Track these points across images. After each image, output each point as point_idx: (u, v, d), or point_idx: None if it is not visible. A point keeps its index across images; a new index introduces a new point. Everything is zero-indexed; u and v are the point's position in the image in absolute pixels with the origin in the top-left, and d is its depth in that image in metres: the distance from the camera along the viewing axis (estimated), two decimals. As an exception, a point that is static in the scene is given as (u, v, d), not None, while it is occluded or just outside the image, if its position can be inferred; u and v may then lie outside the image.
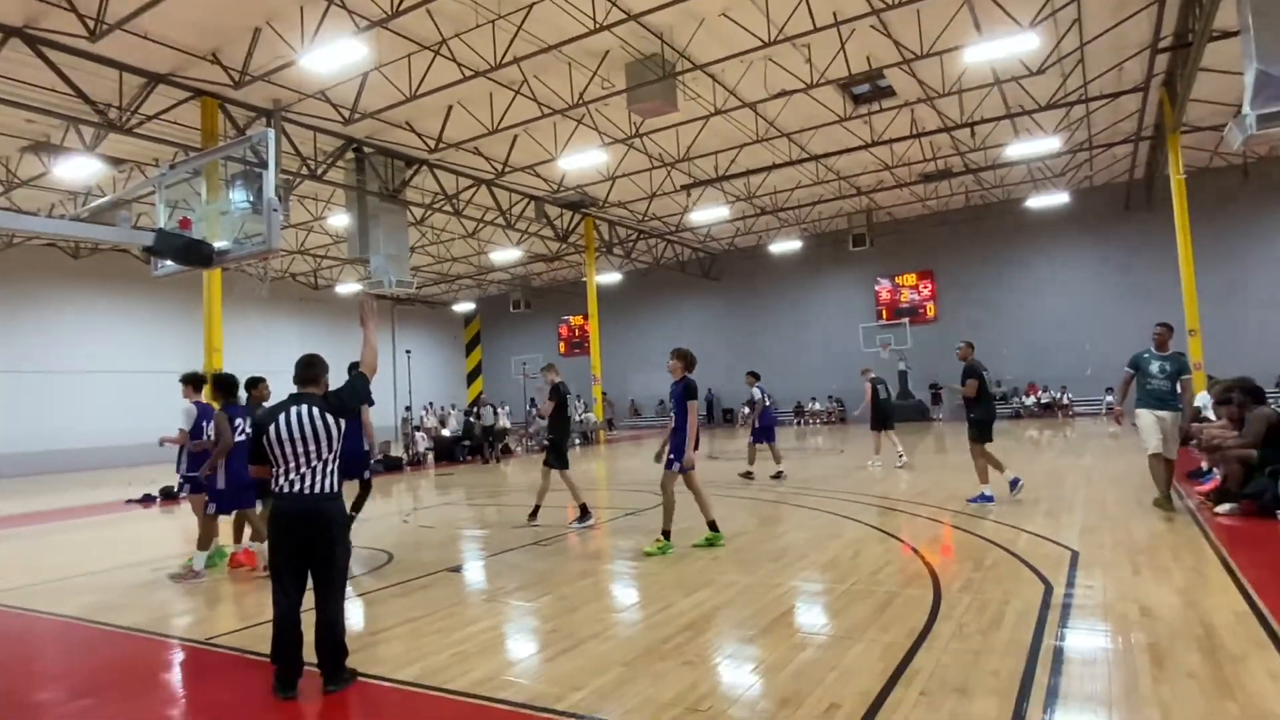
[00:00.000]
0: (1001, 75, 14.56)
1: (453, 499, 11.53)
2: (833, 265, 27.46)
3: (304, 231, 22.41)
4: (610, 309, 29.75)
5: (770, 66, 13.78)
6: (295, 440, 3.60)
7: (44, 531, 9.98)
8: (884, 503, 8.40)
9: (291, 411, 3.65)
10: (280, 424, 3.62)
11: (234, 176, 6.77)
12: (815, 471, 11.99)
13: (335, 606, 3.61)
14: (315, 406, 3.67)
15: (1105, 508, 7.30)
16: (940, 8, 11.83)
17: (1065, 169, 21.39)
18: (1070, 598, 4.41)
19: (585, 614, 4.67)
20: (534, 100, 14.10)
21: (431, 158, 17.07)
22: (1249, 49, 7.86)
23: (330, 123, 14.60)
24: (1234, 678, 3.13)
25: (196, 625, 4.97)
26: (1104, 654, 3.53)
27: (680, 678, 3.47)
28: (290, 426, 3.61)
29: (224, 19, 11.10)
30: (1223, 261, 20.63)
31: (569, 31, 11.80)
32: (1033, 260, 24.32)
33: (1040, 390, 23.71)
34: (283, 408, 3.68)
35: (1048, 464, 11.12)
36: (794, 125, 16.75)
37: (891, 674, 3.36)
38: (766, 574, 5.41)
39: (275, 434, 3.62)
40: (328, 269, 28.13)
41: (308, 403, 3.69)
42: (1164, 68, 14.50)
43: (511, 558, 6.59)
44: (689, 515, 6.83)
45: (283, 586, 3.56)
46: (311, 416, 3.63)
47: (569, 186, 20.14)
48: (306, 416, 3.63)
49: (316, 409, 3.66)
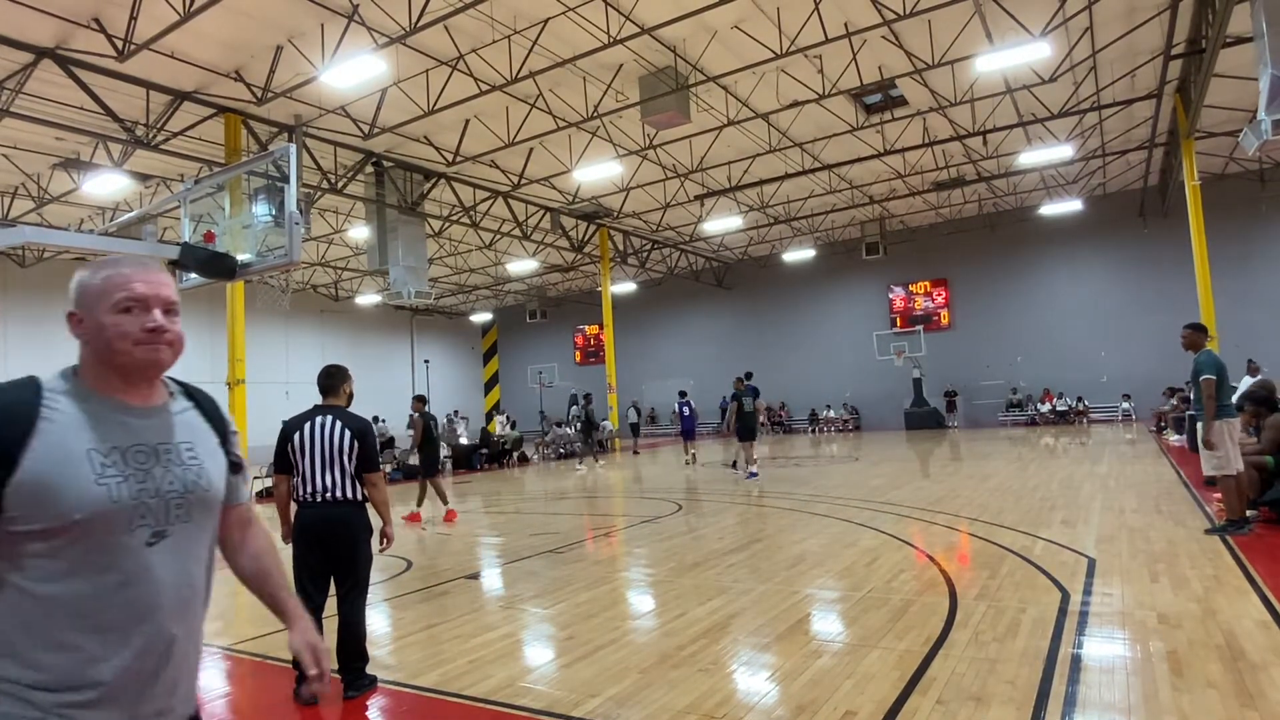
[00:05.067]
0: (1013, 83, 14.54)
1: (470, 506, 11.61)
2: (846, 273, 27.41)
3: (325, 244, 22.73)
4: (625, 318, 29.87)
5: (782, 77, 13.86)
6: (316, 450, 3.69)
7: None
8: (899, 510, 8.38)
9: (316, 421, 3.75)
10: (304, 433, 3.72)
11: (257, 191, 6.93)
12: (831, 479, 11.96)
13: (357, 612, 3.69)
14: (337, 419, 3.76)
15: (1123, 515, 7.24)
16: (951, 17, 11.86)
17: (1078, 176, 21.25)
18: (1087, 605, 4.40)
19: (601, 621, 4.71)
20: (549, 113, 14.28)
21: (449, 171, 17.30)
22: (1263, 54, 7.84)
23: (350, 137, 14.85)
24: (1255, 687, 3.11)
25: (219, 631, 5.06)
26: (1122, 662, 3.51)
27: (696, 685, 3.50)
28: (312, 436, 3.71)
29: (247, 38, 11.37)
30: (1239, 267, 20.36)
31: (583, 46, 11.96)
32: (1047, 267, 24.15)
33: (1056, 397, 23.48)
34: (307, 418, 3.78)
35: (1064, 471, 11.02)
36: (806, 135, 16.80)
37: (907, 682, 3.37)
38: (781, 581, 5.43)
39: (299, 442, 3.72)
40: (348, 280, 28.47)
41: (330, 414, 3.78)
42: (1177, 74, 14.41)
43: (528, 565, 6.65)
44: (705, 521, 6.85)
45: (305, 593, 3.63)
46: (336, 429, 3.73)
47: (584, 198, 20.29)
48: (329, 427, 3.72)
49: (339, 422, 3.75)
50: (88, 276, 1.34)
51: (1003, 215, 24.71)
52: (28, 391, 1.24)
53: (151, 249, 6.26)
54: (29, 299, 21.79)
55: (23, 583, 1.18)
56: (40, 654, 1.17)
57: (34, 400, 1.23)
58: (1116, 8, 11.99)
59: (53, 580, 1.18)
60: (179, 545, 1.29)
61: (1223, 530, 6.14)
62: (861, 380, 26.77)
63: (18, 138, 13.88)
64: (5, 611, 1.18)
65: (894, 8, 11.11)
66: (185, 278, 6.51)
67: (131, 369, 1.30)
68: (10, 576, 1.18)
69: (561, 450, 21.86)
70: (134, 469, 1.25)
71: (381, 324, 32.05)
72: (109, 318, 1.29)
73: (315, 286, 29.02)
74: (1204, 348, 6.45)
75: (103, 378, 1.31)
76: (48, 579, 1.18)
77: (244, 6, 10.37)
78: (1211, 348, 6.57)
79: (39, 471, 1.18)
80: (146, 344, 1.30)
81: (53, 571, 1.18)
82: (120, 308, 1.29)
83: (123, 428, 1.28)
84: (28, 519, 1.17)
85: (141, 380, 1.33)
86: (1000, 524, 7.14)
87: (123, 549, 1.22)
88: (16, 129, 13.26)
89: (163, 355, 1.32)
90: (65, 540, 1.18)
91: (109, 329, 1.28)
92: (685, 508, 9.67)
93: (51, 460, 1.19)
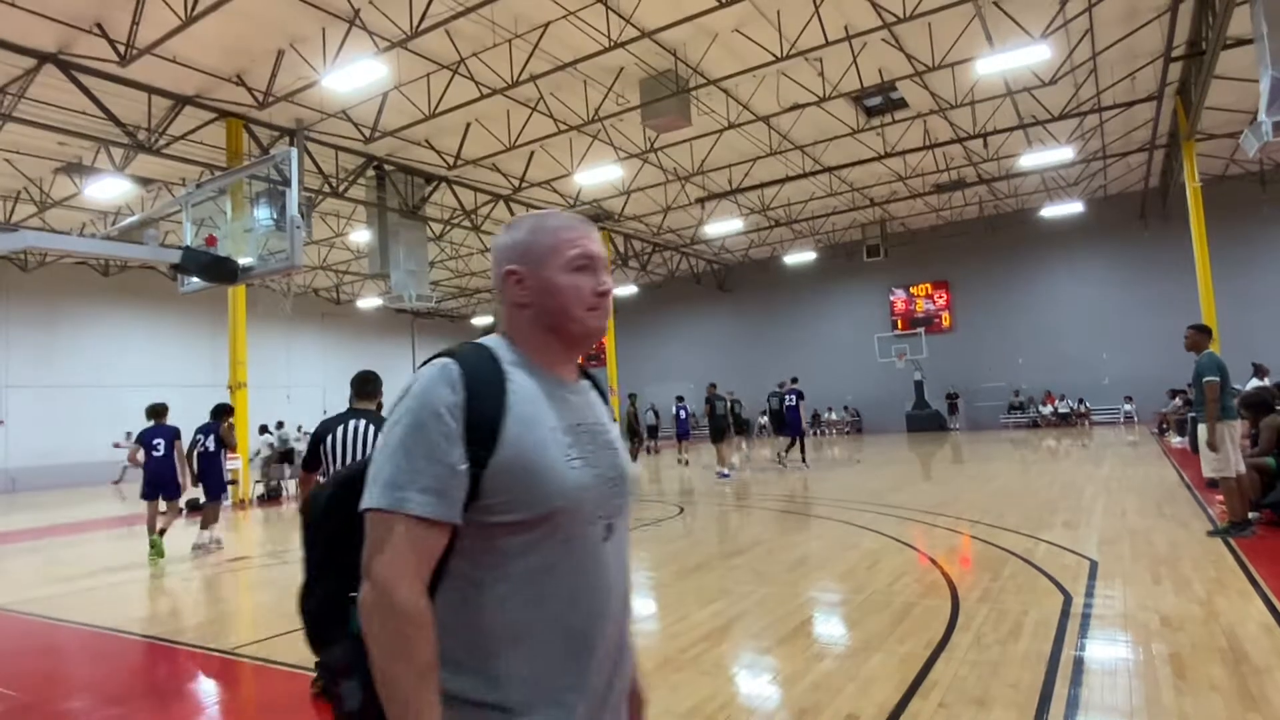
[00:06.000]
0: (1014, 86, 14.56)
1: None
2: (847, 276, 27.42)
3: (326, 248, 22.77)
4: (626, 321, 29.89)
5: (783, 80, 13.88)
6: (347, 451, 3.83)
7: (72, 542, 10.17)
8: (901, 513, 8.37)
9: (349, 424, 3.89)
10: (338, 435, 3.87)
11: (258, 195, 6.95)
12: (832, 481, 11.95)
13: None
14: (371, 423, 3.91)
15: (1125, 518, 7.23)
16: (951, 20, 11.88)
17: (1079, 178, 21.27)
18: (1090, 608, 4.39)
19: (604, 624, 4.70)
20: (550, 117, 14.31)
21: (450, 174, 17.33)
22: (1263, 56, 7.85)
23: (351, 141, 14.88)
24: (1258, 690, 3.10)
25: (219, 634, 5.06)
26: (1124, 665, 3.51)
27: (698, 688, 3.50)
28: (346, 438, 3.85)
29: (249, 42, 11.41)
30: (1240, 269, 20.35)
31: (584, 49, 11.99)
32: (1048, 269, 24.15)
33: (1058, 400, 23.46)
34: (341, 420, 3.92)
35: (1066, 474, 11.01)
36: (807, 138, 16.82)
37: (910, 685, 3.37)
38: (783, 584, 5.43)
39: (331, 444, 3.86)
40: (349, 284, 28.51)
41: (363, 418, 3.93)
42: (1177, 76, 14.43)
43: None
44: (706, 524, 6.85)
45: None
46: (368, 434, 3.87)
47: (585, 201, 20.33)
48: (362, 431, 3.87)
49: (372, 425, 3.90)
50: (533, 228, 1.16)
51: (1004, 217, 24.71)
52: (490, 360, 1.08)
53: (154, 253, 6.27)
54: (31, 303, 21.85)
55: (491, 585, 1.01)
56: (503, 667, 1.00)
57: (499, 370, 1.07)
58: (1117, 10, 12.00)
59: (523, 582, 1.02)
60: (621, 540, 1.13)
61: (1225, 532, 6.13)
62: (863, 383, 26.75)
63: (20, 142, 13.92)
64: (468, 620, 1.01)
65: (894, 10, 11.13)
66: (187, 282, 6.53)
67: (579, 338, 1.15)
68: (476, 577, 1.01)
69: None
70: (587, 451, 1.10)
71: (383, 327, 32.07)
72: (564, 277, 1.12)
73: (317, 290, 29.06)
74: (1207, 349, 6.43)
75: (543, 347, 1.14)
76: (518, 580, 1.01)
77: (245, 11, 10.40)
78: (1213, 349, 6.55)
79: (518, 451, 1.01)
80: (597, 310, 1.14)
81: (524, 571, 1.02)
82: (574, 266, 1.13)
83: (565, 404, 1.12)
84: (506, 508, 1.00)
85: (582, 350, 1.18)
86: (1002, 526, 7.13)
87: (586, 544, 1.07)
88: (19, 134, 13.29)
89: (604, 324, 1.17)
90: (540, 534, 1.02)
91: (565, 291, 1.12)
92: (686, 510, 9.67)
93: (528, 439, 1.02)
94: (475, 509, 1.00)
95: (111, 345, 23.40)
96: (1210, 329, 6.63)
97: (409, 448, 0.99)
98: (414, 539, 0.97)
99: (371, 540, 0.98)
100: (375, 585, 0.95)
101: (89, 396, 22.58)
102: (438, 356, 1.07)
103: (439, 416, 0.99)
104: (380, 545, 0.96)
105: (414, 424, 1.00)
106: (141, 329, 24.24)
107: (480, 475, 0.99)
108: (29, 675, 4.43)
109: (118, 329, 23.69)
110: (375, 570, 0.96)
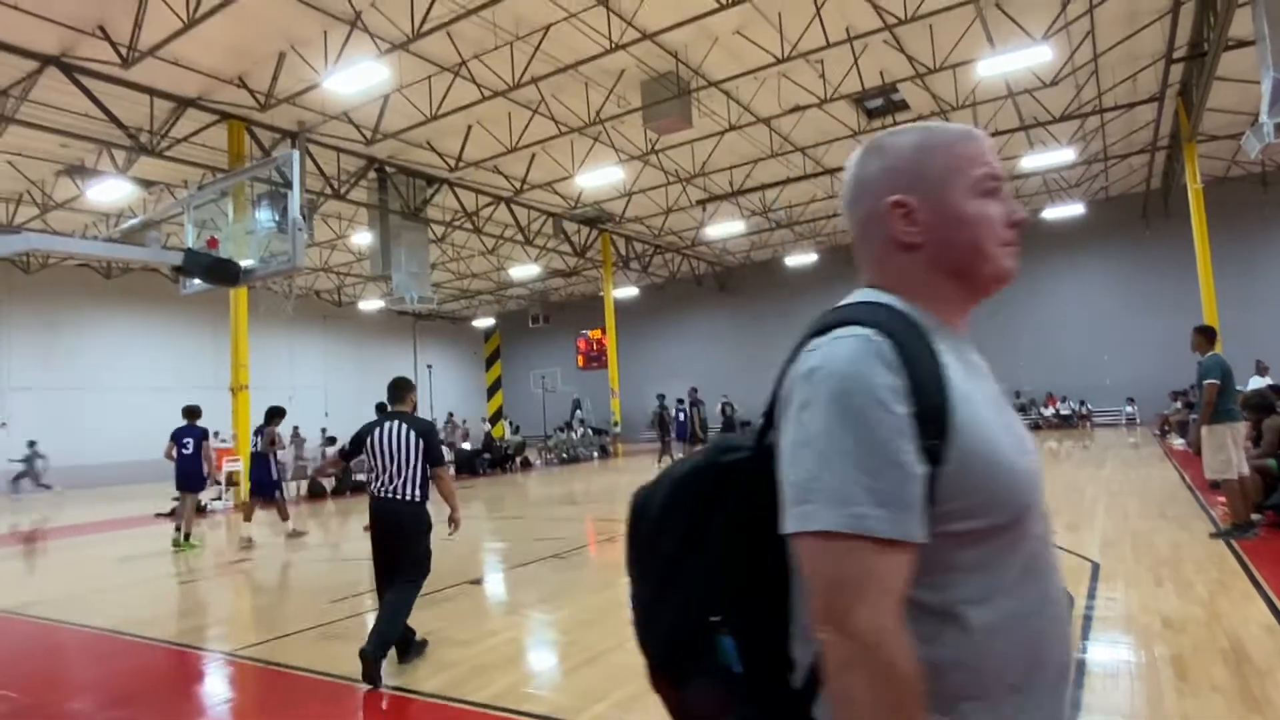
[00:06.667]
0: (1015, 88, 14.56)
1: (473, 511, 11.61)
2: (849, 278, 25.91)
3: (327, 250, 22.79)
4: (627, 323, 29.86)
5: (784, 82, 13.89)
6: (386, 451, 4.13)
7: (77, 545, 10.19)
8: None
9: (387, 426, 4.18)
10: (376, 436, 4.17)
11: (260, 197, 6.96)
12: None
13: (401, 594, 4.00)
14: (406, 425, 4.19)
15: (1127, 520, 7.21)
16: (953, 22, 11.88)
17: (1081, 180, 21.25)
18: (1091, 610, 4.38)
19: (605, 626, 4.70)
20: (551, 119, 14.32)
21: (452, 176, 17.35)
22: (1265, 57, 7.84)
23: (353, 143, 14.90)
24: (1260, 692, 3.10)
25: (221, 636, 5.06)
26: (1126, 667, 3.51)
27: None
28: (384, 439, 4.15)
29: (250, 44, 11.43)
30: (1242, 270, 20.30)
31: (585, 52, 12.00)
32: (1050, 271, 24.11)
33: (1059, 401, 23.43)
34: (379, 422, 4.23)
35: (1067, 475, 10.99)
36: (808, 140, 16.82)
37: (911, 686, 3.36)
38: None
39: (371, 444, 4.18)
40: (351, 286, 28.53)
41: (399, 420, 4.21)
42: (1179, 77, 14.42)
43: (531, 571, 6.64)
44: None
45: (379, 572, 4.16)
46: (402, 432, 4.16)
47: (586, 203, 20.34)
48: (398, 431, 4.16)
49: (407, 426, 4.18)
50: (919, 144, 0.91)
51: (1005, 219, 24.67)
52: (913, 325, 0.84)
53: (156, 255, 6.28)
54: (33, 305, 21.88)
55: (948, 617, 0.79)
56: (970, 709, 0.78)
57: (926, 337, 0.84)
58: (1118, 11, 12.00)
59: (987, 602, 0.80)
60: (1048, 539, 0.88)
61: (1228, 534, 6.11)
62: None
63: (23, 145, 13.95)
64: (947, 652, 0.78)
65: (895, 12, 11.14)
66: (189, 284, 6.54)
67: (990, 282, 0.91)
68: (935, 601, 0.79)
69: (565, 455, 21.85)
70: (1021, 432, 0.88)
71: (384, 329, 32.10)
72: (972, 205, 0.88)
73: (318, 292, 29.08)
74: (1210, 351, 6.42)
75: (946, 299, 0.91)
76: (982, 601, 0.79)
77: (247, 13, 10.41)
78: (1217, 350, 6.54)
79: (973, 441, 0.79)
80: (1012, 246, 0.90)
81: (987, 589, 0.80)
82: (983, 189, 0.89)
83: (979, 372, 0.90)
84: (967, 513, 0.79)
85: (986, 298, 0.93)
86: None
87: (1038, 548, 0.85)
88: (22, 136, 13.32)
89: (1017, 266, 0.91)
90: (1002, 542, 0.81)
91: (976, 222, 0.88)
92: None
93: (979, 424, 0.81)
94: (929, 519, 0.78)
95: (113, 347, 23.43)
96: (1214, 330, 6.64)
97: (848, 447, 0.76)
98: (887, 570, 0.74)
99: (827, 576, 0.75)
100: (856, 637, 0.73)
101: (91, 399, 22.61)
102: (835, 326, 0.84)
103: (883, 405, 0.76)
104: (846, 581, 0.74)
105: (850, 416, 0.76)
106: (143, 331, 24.27)
107: (936, 476, 0.77)
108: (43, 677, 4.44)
109: (120, 331, 23.72)
110: (858, 619, 0.73)
